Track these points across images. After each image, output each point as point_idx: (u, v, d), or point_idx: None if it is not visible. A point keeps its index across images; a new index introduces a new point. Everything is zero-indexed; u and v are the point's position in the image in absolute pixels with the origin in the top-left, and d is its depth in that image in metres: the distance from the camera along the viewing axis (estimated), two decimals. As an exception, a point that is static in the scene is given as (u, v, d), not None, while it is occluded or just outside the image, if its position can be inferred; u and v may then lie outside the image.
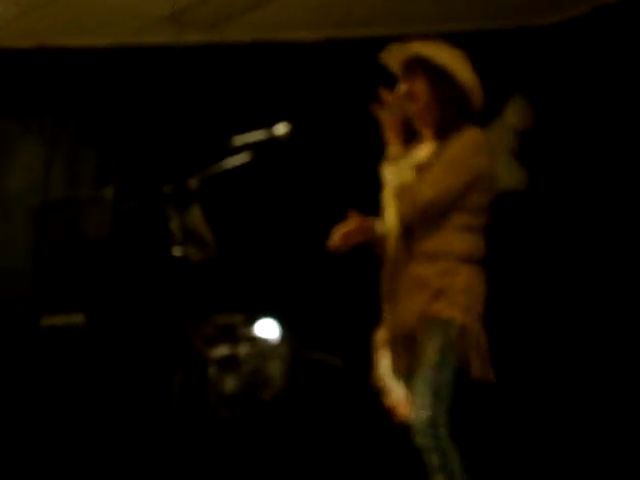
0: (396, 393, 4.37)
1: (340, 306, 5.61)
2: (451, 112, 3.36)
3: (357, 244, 3.50)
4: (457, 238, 3.28)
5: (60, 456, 5.50)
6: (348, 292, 5.57)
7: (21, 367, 5.62)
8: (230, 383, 4.95)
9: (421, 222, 3.28)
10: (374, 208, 3.56)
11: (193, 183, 3.59)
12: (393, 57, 3.48)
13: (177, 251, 3.59)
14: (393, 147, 3.35)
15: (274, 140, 3.56)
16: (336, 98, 5.76)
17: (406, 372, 3.39)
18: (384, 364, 4.48)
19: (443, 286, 3.24)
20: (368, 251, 3.56)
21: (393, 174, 3.33)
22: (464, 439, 3.18)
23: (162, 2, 5.39)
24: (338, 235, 3.48)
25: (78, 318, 5.28)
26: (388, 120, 3.35)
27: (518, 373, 5.41)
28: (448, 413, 3.16)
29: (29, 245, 5.62)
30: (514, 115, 5.70)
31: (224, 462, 5.09)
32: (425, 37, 3.47)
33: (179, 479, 4.74)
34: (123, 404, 5.50)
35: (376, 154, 3.43)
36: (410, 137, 3.44)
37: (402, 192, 3.29)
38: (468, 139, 3.30)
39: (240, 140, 3.59)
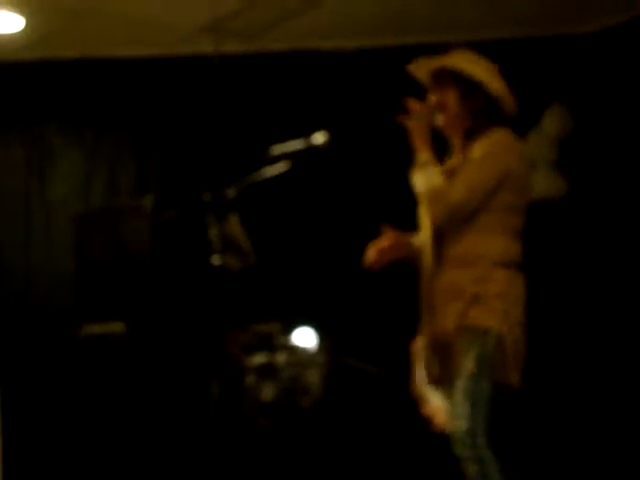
0: (433, 402, 4.35)
1: (378, 314, 5.60)
2: (481, 122, 3.37)
3: (393, 261, 3.50)
4: (490, 241, 3.27)
5: (100, 462, 5.55)
6: (386, 300, 5.57)
7: (62, 375, 5.68)
8: (268, 391, 4.96)
9: (454, 223, 3.28)
10: (413, 217, 3.56)
11: (231, 192, 3.60)
12: (421, 68, 3.49)
13: (216, 260, 3.61)
14: (421, 154, 3.36)
15: (312, 149, 3.57)
16: (374, 107, 5.76)
17: (441, 380, 3.39)
18: (422, 373, 4.47)
19: (479, 293, 3.23)
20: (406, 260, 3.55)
21: (422, 179, 3.34)
22: (504, 449, 3.17)
23: (201, 13, 5.43)
24: (373, 252, 3.48)
25: (118, 327, 5.32)
26: (415, 128, 3.37)
27: (559, 380, 5.37)
28: (486, 423, 3.15)
29: (70, 253, 5.67)
30: (553, 123, 5.67)
31: (262, 469, 5.10)
32: (461, 45, 3.48)
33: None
34: (161, 412, 5.54)
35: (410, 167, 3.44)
36: (438, 150, 3.45)
37: (434, 195, 3.29)
38: (495, 138, 3.32)
39: (278, 149, 3.60)
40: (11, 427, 5.69)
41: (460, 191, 3.24)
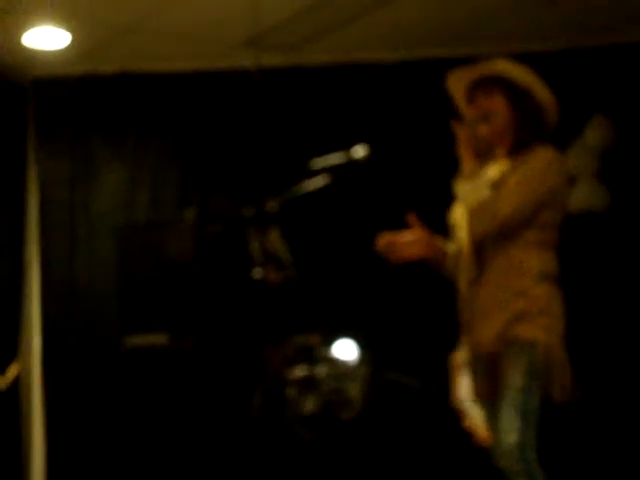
0: (473, 416, 4.34)
1: (418, 327, 5.59)
2: (527, 130, 3.37)
3: (417, 258, 3.46)
4: (531, 255, 3.27)
5: (144, 473, 5.59)
6: (426, 313, 5.55)
7: (107, 386, 5.73)
8: (309, 404, 4.97)
9: (497, 238, 3.27)
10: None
11: (273, 206, 3.62)
12: (461, 78, 3.47)
13: (257, 273, 3.63)
14: (468, 164, 3.35)
15: (353, 163, 3.58)
16: (415, 119, 5.76)
17: (487, 395, 3.37)
18: (463, 386, 4.45)
19: (523, 307, 3.22)
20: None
21: (468, 191, 3.33)
22: (551, 464, 3.14)
23: (241, 27, 5.47)
24: (387, 242, 3.47)
25: (161, 338, 5.36)
26: (465, 137, 3.36)
27: (600, 394, 5.32)
28: (535, 437, 3.13)
29: (113, 266, 5.73)
30: (595, 135, 5.63)
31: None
32: (502, 56, 3.47)
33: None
34: (204, 423, 5.57)
35: (455, 176, 3.43)
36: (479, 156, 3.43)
37: (480, 209, 3.28)
38: (542, 156, 3.31)
39: (319, 163, 3.62)
40: (57, 439, 5.76)
41: (509, 207, 3.23)
